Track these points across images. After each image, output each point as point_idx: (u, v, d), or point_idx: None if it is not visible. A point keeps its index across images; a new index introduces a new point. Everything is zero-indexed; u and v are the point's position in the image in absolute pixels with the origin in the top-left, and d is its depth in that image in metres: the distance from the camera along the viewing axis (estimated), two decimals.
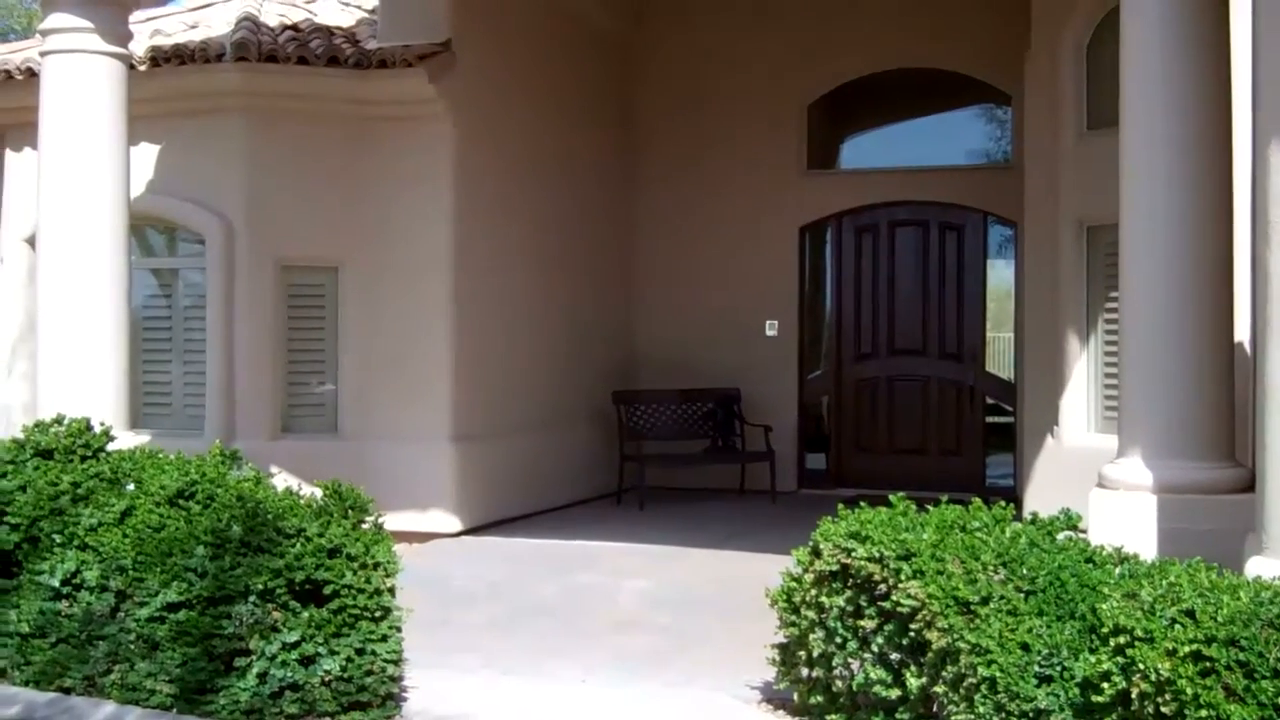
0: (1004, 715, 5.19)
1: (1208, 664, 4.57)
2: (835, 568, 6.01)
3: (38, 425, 7.67)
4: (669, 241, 15.01)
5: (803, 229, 14.85)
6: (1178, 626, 4.71)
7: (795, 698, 6.34)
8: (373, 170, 11.69)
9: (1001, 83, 13.70)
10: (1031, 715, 5.14)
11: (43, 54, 9.25)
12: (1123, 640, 4.81)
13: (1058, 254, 11.07)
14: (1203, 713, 4.49)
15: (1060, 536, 5.97)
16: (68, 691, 6.77)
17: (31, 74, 11.32)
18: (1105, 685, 4.84)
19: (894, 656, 5.79)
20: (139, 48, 10.73)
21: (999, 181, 13.76)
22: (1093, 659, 4.98)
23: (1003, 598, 5.44)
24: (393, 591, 6.63)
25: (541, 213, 13.03)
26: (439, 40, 11.42)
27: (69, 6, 9.04)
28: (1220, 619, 4.64)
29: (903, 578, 5.67)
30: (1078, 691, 5.07)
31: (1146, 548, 6.86)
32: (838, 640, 6.00)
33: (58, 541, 6.94)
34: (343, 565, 6.42)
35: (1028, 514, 6.37)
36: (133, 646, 6.55)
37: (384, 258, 11.64)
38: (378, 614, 6.46)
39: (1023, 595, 5.47)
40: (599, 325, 14.27)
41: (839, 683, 6.07)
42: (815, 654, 6.12)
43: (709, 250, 14.84)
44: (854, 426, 14.83)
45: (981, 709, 5.25)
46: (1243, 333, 8.24)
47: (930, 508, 6.18)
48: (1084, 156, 10.75)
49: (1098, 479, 7.69)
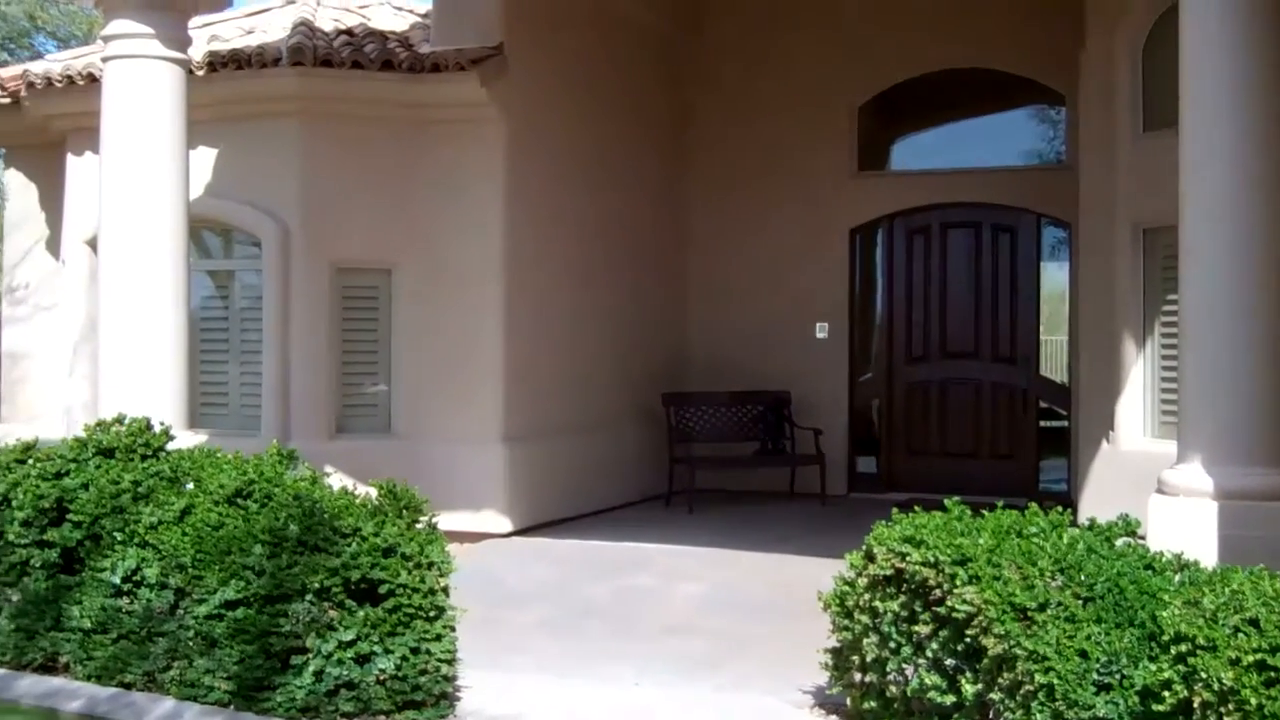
0: None
1: (1273, 674, 4.53)
2: (889, 572, 5.99)
3: (99, 424, 7.78)
4: (719, 243, 15.00)
5: (853, 231, 14.80)
6: (1241, 635, 4.68)
7: (848, 703, 6.33)
8: (425, 173, 11.75)
9: (1055, 82, 13.61)
10: None
11: (104, 59, 9.36)
12: (1184, 649, 4.78)
13: (1114, 256, 10.99)
14: None
15: (1119, 542, 5.94)
16: (128, 687, 6.87)
17: (92, 79, 11.46)
18: (1166, 694, 4.81)
19: (949, 662, 5.77)
20: (197, 53, 10.84)
21: (1052, 182, 13.66)
22: (1153, 667, 4.95)
23: (1060, 604, 5.42)
24: (446, 591, 6.67)
25: (592, 215, 13.06)
26: (491, 44, 11.46)
27: (130, 12, 9.15)
28: None
29: (958, 583, 5.65)
30: (1137, 700, 5.04)
31: (1207, 554, 6.79)
32: (892, 645, 5.99)
33: (119, 539, 7.04)
34: (398, 565, 6.47)
35: (1083, 519, 6.33)
36: (191, 643, 6.63)
37: (436, 260, 11.70)
38: (432, 613, 6.50)
39: (1081, 602, 5.44)
40: (649, 327, 14.28)
41: (893, 688, 6.06)
42: (869, 659, 6.11)
43: (760, 252, 14.82)
44: (905, 430, 14.76)
45: (1039, 716, 5.23)
46: None
47: (985, 513, 6.15)
48: (1141, 158, 10.66)
49: (1156, 484, 7.62)
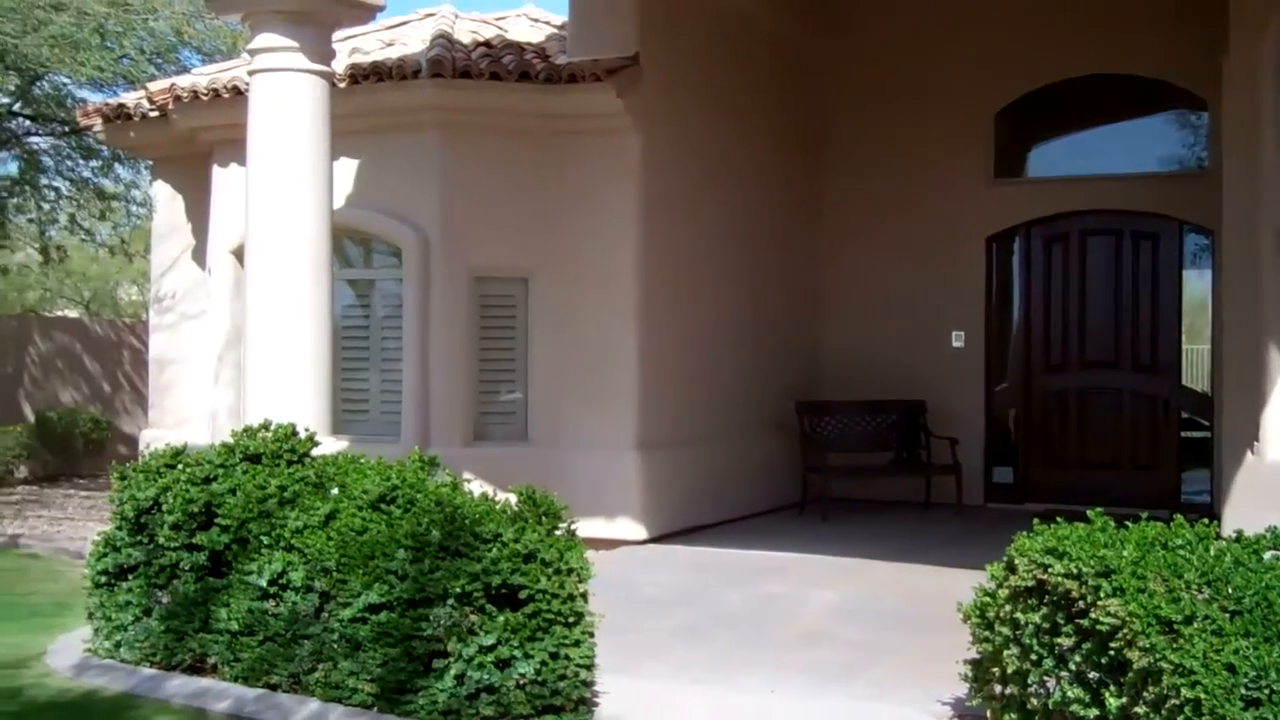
0: None
1: None
2: (1031, 583, 5.91)
3: (246, 430, 7.96)
4: (854, 250, 14.92)
5: (990, 239, 14.63)
6: None
7: (988, 715, 6.25)
8: (561, 183, 11.86)
9: (1197, 88, 13.33)
10: None
11: (250, 72, 9.58)
12: None
13: (1259, 264, 10.72)
14: None
15: (1267, 555, 5.79)
16: (274, 688, 7.02)
17: (238, 92, 11.75)
18: None
19: (1092, 675, 5.68)
20: (338, 65, 11.06)
21: (1194, 189, 13.37)
22: None
23: (1207, 617, 5.30)
24: (585, 597, 6.73)
25: (725, 222, 13.08)
26: (627, 55, 11.53)
27: (276, 26, 9.36)
28: None
29: (1102, 595, 5.55)
30: None
31: None
32: (1033, 657, 5.90)
33: (265, 543, 7.20)
34: (538, 570, 6.53)
35: (1228, 531, 6.19)
36: (336, 646, 6.76)
37: (572, 268, 11.81)
38: (571, 619, 6.56)
39: (1228, 615, 5.32)
40: (782, 335, 14.25)
41: (1034, 700, 5.97)
42: (1009, 671, 6.02)
43: (895, 260, 14.72)
44: (1043, 440, 14.54)
45: None
46: None
47: (1129, 524, 6.05)
48: None
49: None
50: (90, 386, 19.65)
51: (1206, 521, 6.02)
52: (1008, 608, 6.02)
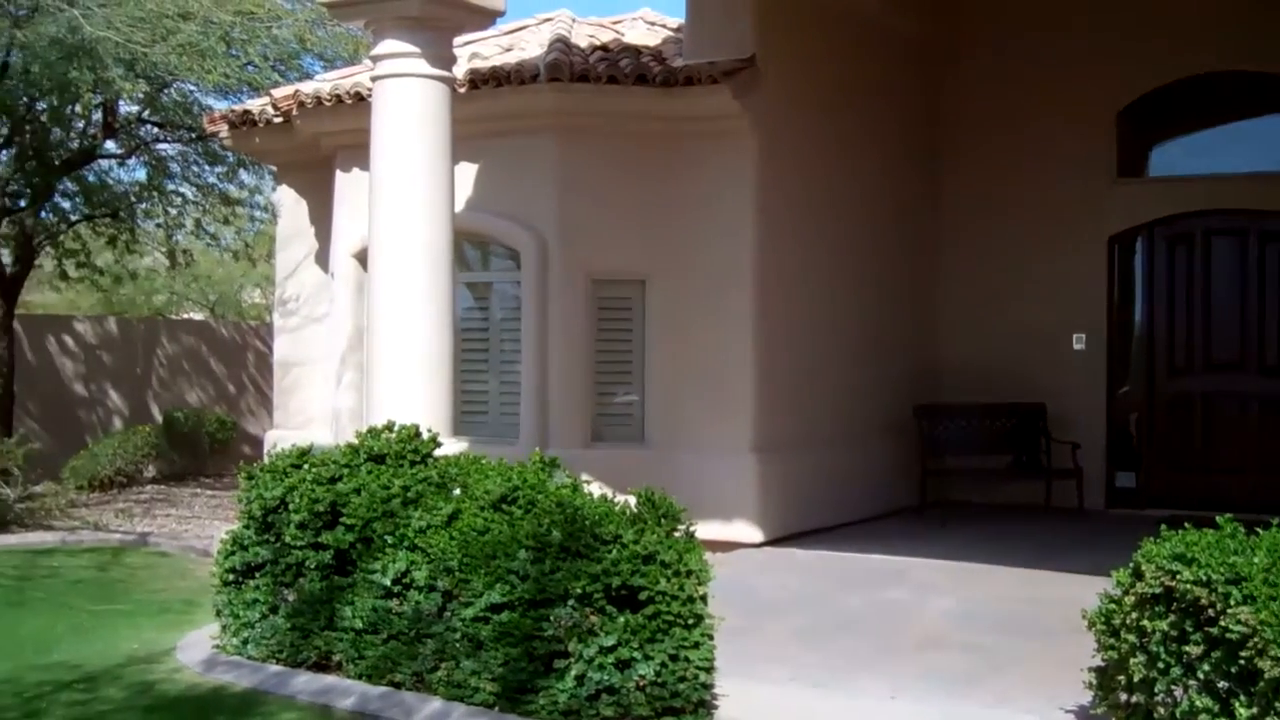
0: None
1: None
2: (1158, 590, 5.81)
3: (370, 431, 8.08)
4: (972, 251, 14.76)
5: (1112, 239, 14.38)
6: None
7: None
8: (678, 185, 11.89)
9: None
10: None
11: (374, 78, 9.73)
12: None
13: None
14: None
15: None
16: (398, 686, 7.12)
17: (359, 98, 11.93)
18: None
19: (1221, 685, 5.57)
20: (458, 70, 11.17)
21: None
22: None
23: None
24: (704, 599, 6.73)
25: (842, 224, 13.01)
26: (743, 56, 11.52)
27: (398, 33, 9.49)
28: None
29: (1232, 603, 5.45)
30: None
31: None
32: (1160, 666, 5.80)
33: (389, 542, 7.30)
34: (657, 572, 6.56)
35: None
36: (458, 645, 6.83)
37: (689, 271, 11.82)
38: (690, 621, 6.57)
39: None
40: (899, 337, 14.14)
41: (1161, 710, 5.86)
42: (1136, 679, 5.93)
43: (1014, 260, 14.53)
44: (1166, 444, 14.25)
45: None
46: None
47: (1259, 530, 5.92)
48: None
49: None
50: (216, 387, 20.08)
51: None
52: (1134, 615, 5.93)
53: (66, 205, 18.16)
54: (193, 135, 17.27)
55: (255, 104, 13.76)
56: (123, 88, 13.95)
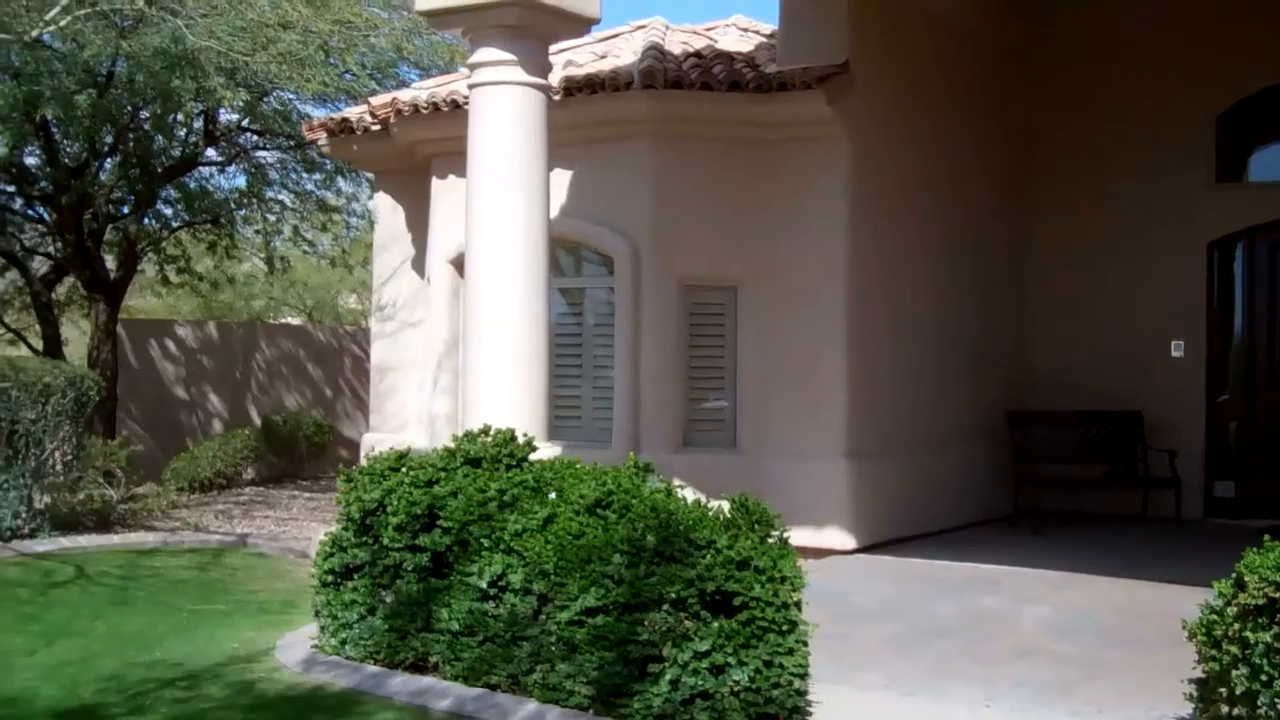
0: None
1: None
2: (1262, 602, 5.74)
3: (467, 435, 8.17)
4: (1066, 256, 14.59)
5: (1211, 244, 14.15)
6: None
7: None
8: (770, 191, 11.89)
9: None
10: None
11: (470, 86, 9.83)
12: None
13: None
14: None
15: None
16: (494, 688, 7.20)
17: (456, 106, 12.06)
18: None
19: None
20: (553, 78, 11.26)
21: None
22: None
23: None
24: (799, 605, 6.75)
25: (934, 229, 12.95)
26: (836, 62, 11.50)
27: (495, 41, 9.58)
28: None
29: None
30: None
31: None
32: (1263, 678, 5.73)
33: (485, 545, 7.39)
34: (751, 578, 6.58)
35: None
36: (553, 648, 6.89)
37: (781, 276, 11.82)
38: (785, 627, 6.58)
39: None
40: (992, 343, 14.03)
41: None
42: (1238, 691, 5.86)
43: (1109, 266, 14.35)
44: (1266, 453, 13.97)
45: None
46: None
47: None
48: None
49: None
50: (313, 391, 20.36)
51: None
52: (1236, 626, 5.86)
53: (168, 212, 18.53)
54: (291, 143, 17.54)
55: (353, 112, 13.94)
56: (224, 96, 14.20)
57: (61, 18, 10.97)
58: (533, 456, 8.09)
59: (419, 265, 13.81)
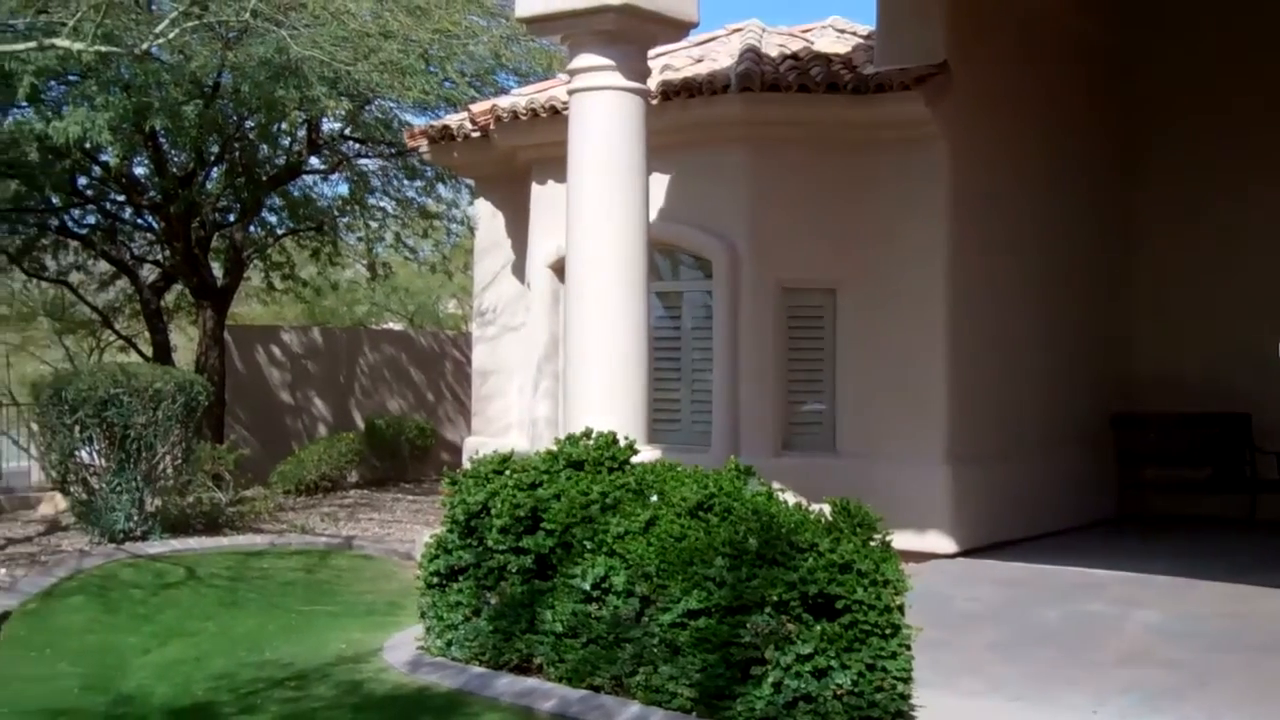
0: None
1: None
2: None
3: (569, 438, 8.23)
4: (1170, 257, 14.36)
5: None
6: None
7: None
8: (869, 192, 11.84)
9: None
10: None
11: (570, 91, 9.91)
12: None
13: None
14: None
15: None
16: (597, 690, 7.24)
17: (554, 112, 12.16)
18: None
19: None
20: (650, 82, 11.30)
21: None
22: None
23: None
24: (902, 609, 6.72)
25: (1034, 231, 12.82)
26: (935, 62, 11.45)
27: (594, 46, 9.65)
28: None
29: None
30: None
31: None
32: None
33: (588, 547, 7.44)
34: (854, 581, 6.57)
35: None
36: (656, 650, 6.93)
37: (880, 279, 11.77)
38: (888, 631, 6.57)
39: None
40: (1094, 345, 13.86)
41: None
42: None
43: (1215, 265, 14.10)
44: None
45: None
46: None
47: None
48: None
49: None
50: (415, 395, 20.59)
51: None
52: None
53: (273, 220, 18.87)
54: (393, 150, 17.77)
55: (454, 119, 14.10)
56: (327, 105, 14.43)
57: (170, 30, 11.19)
58: (634, 459, 8.13)
59: (519, 270, 13.92)
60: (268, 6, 12.83)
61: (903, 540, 10.72)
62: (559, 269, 11.77)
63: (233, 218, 18.03)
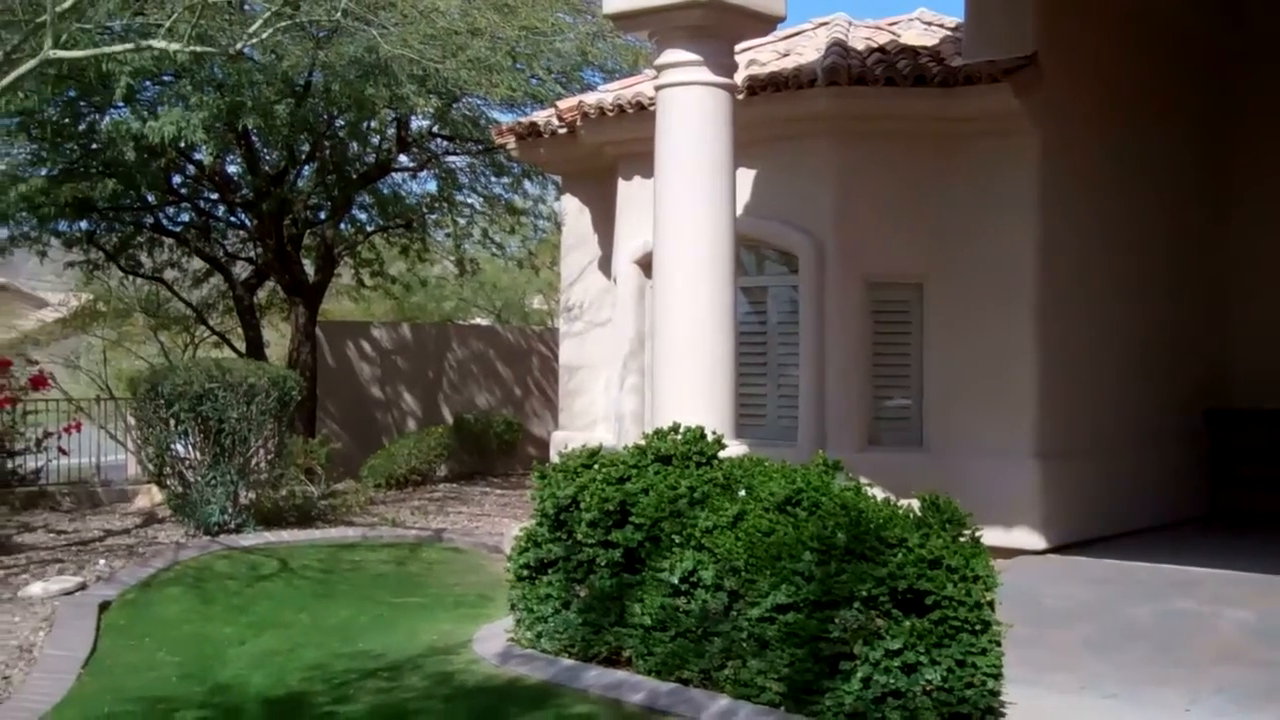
0: None
1: None
2: None
3: (657, 433, 8.28)
4: (1267, 249, 14.11)
5: None
6: None
7: None
8: (955, 187, 11.76)
9: None
10: None
11: (657, 87, 9.95)
12: None
13: None
14: None
15: None
16: (686, 683, 7.29)
17: (641, 108, 12.20)
18: None
19: None
20: (736, 77, 11.30)
21: None
22: None
23: None
24: (992, 606, 6.70)
25: (1126, 223, 12.65)
26: (1024, 54, 11.33)
27: (681, 42, 9.69)
28: None
29: None
30: None
31: None
32: None
33: (677, 541, 7.48)
34: (943, 577, 6.56)
35: None
36: (744, 644, 6.96)
37: (968, 273, 11.68)
38: (977, 627, 6.55)
39: None
40: (1188, 338, 13.65)
41: None
42: None
43: None
44: None
45: None
46: None
47: None
48: None
49: None
50: (502, 390, 20.72)
51: None
52: None
53: (363, 217, 19.03)
54: (480, 148, 17.87)
55: (541, 116, 14.20)
56: (416, 103, 14.54)
57: (263, 31, 11.35)
58: (721, 454, 8.16)
59: (605, 265, 13.99)
60: (358, 6, 12.98)
61: (990, 536, 10.60)
62: (645, 264, 11.81)
63: (323, 215, 18.21)
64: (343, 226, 18.65)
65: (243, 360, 15.36)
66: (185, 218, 18.68)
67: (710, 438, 8.18)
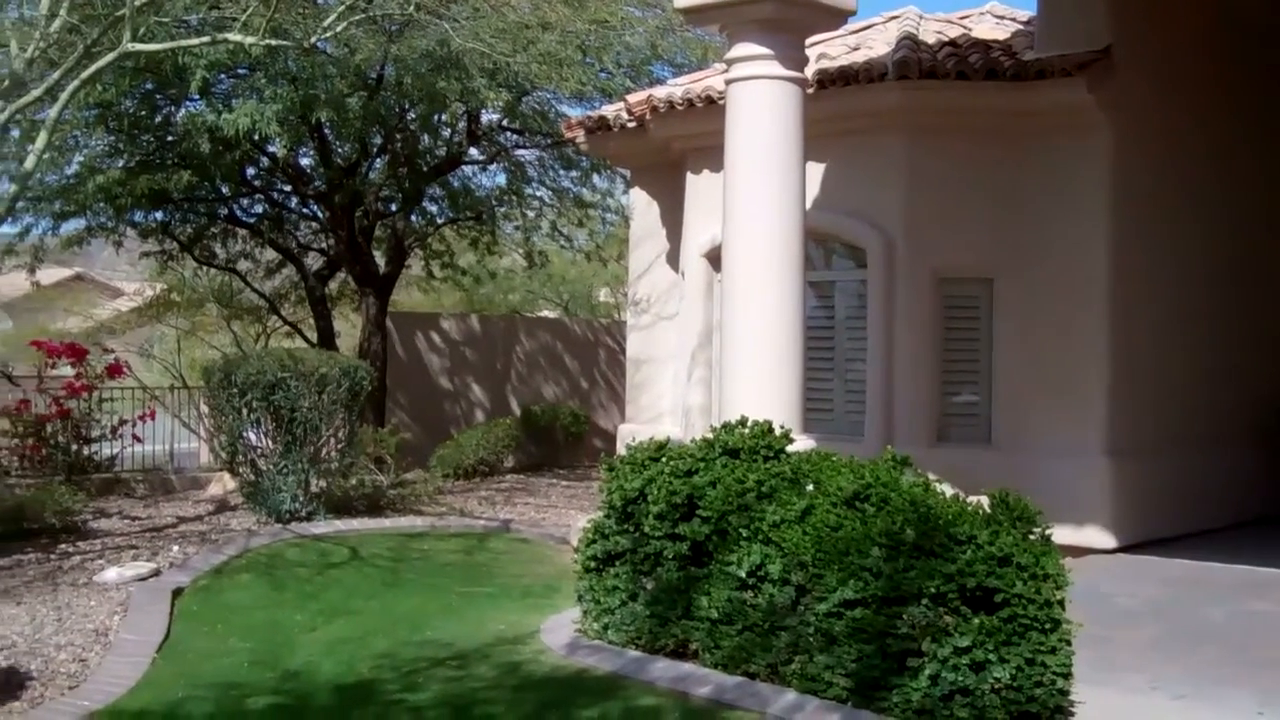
0: None
1: None
2: None
3: (724, 426, 8.29)
4: None
5: None
6: None
7: None
8: (1027, 181, 11.68)
9: None
10: None
11: (727, 81, 9.96)
12: None
13: None
14: None
15: None
16: (752, 677, 7.30)
17: (710, 102, 12.21)
18: None
19: None
20: (806, 71, 11.27)
21: None
22: None
23: None
24: (1062, 604, 6.66)
25: (1201, 217, 12.52)
26: (1098, 47, 11.24)
27: (752, 36, 9.69)
28: None
29: None
30: None
31: None
32: None
33: (744, 535, 7.49)
34: (1013, 574, 6.53)
35: None
36: (811, 639, 6.96)
37: (1039, 269, 11.60)
38: (1047, 625, 6.51)
39: None
40: (1264, 338, 13.47)
41: None
42: None
43: None
44: None
45: None
46: None
47: None
48: None
49: None
50: (569, 383, 20.79)
51: None
52: None
53: (433, 209, 19.18)
54: (550, 141, 17.96)
55: (610, 110, 14.24)
56: (486, 97, 14.62)
57: (336, 24, 11.46)
58: (789, 448, 8.16)
59: (673, 259, 14.01)
60: (430, 0, 13.07)
61: (1060, 535, 10.47)
62: (714, 258, 11.82)
63: (394, 207, 18.37)
64: (413, 218, 18.81)
65: (314, 350, 15.51)
66: (259, 209, 18.92)
67: (778, 431, 8.18)
